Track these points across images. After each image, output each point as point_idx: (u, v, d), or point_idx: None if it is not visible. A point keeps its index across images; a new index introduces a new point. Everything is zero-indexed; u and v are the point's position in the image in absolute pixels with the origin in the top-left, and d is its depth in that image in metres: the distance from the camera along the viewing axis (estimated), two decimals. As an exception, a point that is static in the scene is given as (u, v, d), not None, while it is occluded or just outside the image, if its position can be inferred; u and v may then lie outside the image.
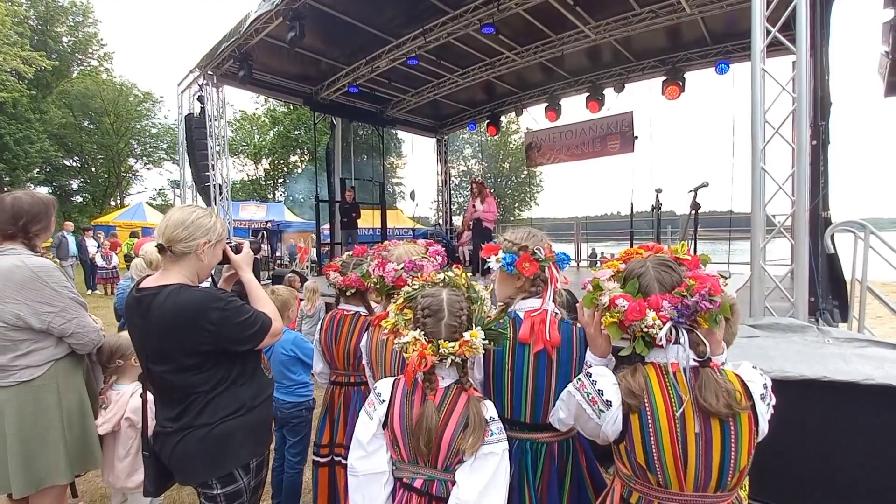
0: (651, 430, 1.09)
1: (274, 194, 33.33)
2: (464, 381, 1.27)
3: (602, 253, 19.24)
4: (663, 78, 8.72)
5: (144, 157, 34.10)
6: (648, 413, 1.10)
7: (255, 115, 33.07)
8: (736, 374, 1.14)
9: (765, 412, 1.12)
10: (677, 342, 1.10)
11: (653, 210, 3.52)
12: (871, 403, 1.71)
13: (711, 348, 1.11)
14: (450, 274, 1.35)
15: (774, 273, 2.99)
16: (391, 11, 7.11)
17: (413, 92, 10.38)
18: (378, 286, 1.75)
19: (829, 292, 4.11)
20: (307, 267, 12.67)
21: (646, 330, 1.10)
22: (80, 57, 31.50)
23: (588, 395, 1.17)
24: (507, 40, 8.04)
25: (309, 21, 6.55)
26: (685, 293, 1.08)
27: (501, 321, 1.46)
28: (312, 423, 2.64)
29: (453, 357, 1.20)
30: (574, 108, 10.24)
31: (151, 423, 1.66)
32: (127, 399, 2.13)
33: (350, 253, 2.29)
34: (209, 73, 8.10)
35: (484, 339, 1.23)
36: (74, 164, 32.39)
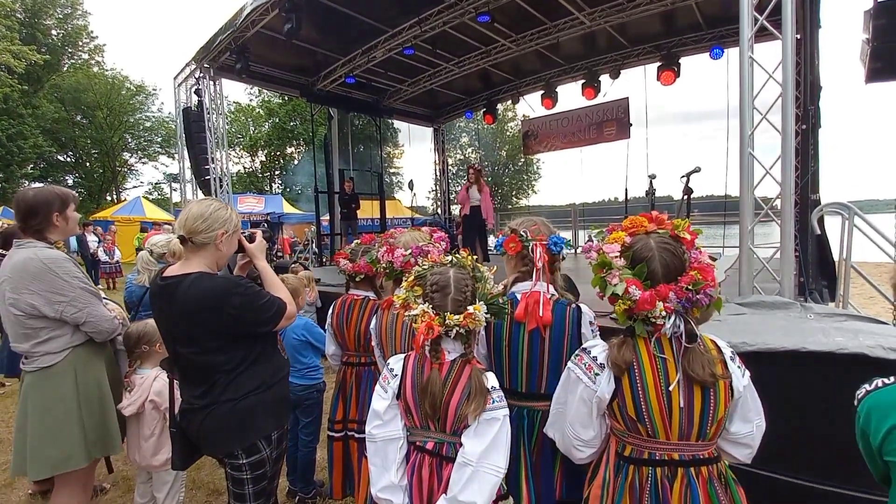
0: (639, 385, 1.25)
1: (271, 186, 33.30)
2: (468, 353, 1.39)
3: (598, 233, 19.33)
4: (658, 63, 8.75)
5: (139, 151, 33.93)
6: (637, 373, 1.25)
7: (249, 106, 32.88)
8: (711, 340, 1.30)
9: (737, 371, 1.27)
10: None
11: (647, 196, 3.62)
12: (845, 371, 1.85)
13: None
14: (457, 256, 1.47)
15: (765, 255, 3.12)
16: (387, 1, 7.12)
17: (409, 81, 10.40)
18: (388, 271, 1.87)
19: (819, 273, 4.25)
20: (300, 257, 12.78)
21: (651, 319, 1.22)
22: (70, 50, 31.14)
23: (585, 365, 1.32)
24: (502, 28, 8.06)
25: (305, 12, 6.56)
26: (691, 288, 1.20)
27: (502, 299, 1.60)
28: (324, 405, 2.78)
29: (458, 328, 1.32)
30: (570, 96, 10.28)
31: (177, 404, 1.78)
32: (150, 383, 2.25)
33: (358, 241, 2.42)
34: (205, 66, 8.11)
35: (486, 313, 1.36)
36: (69, 159, 32.22)
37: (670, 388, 1.21)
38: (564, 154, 11.28)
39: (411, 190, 11.92)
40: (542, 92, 10.32)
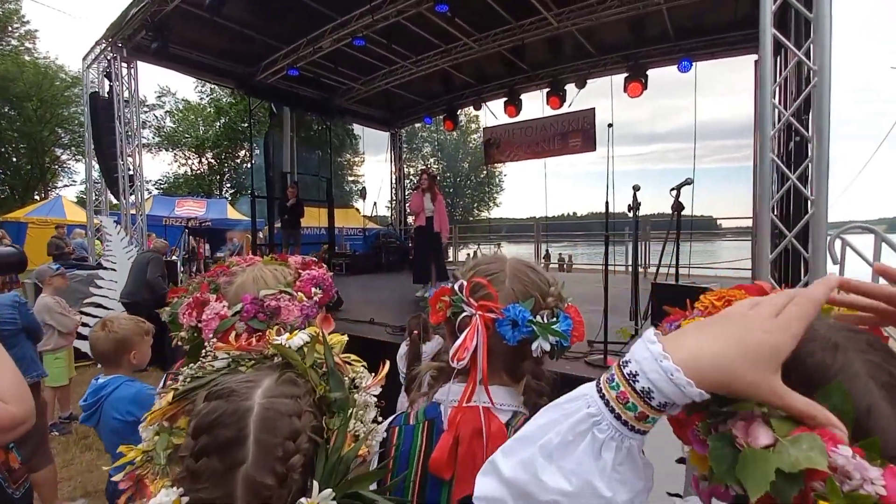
0: None
1: (220, 190, 31.26)
2: None
3: (564, 255, 18.91)
4: (625, 74, 8.36)
5: (73, 147, 31.04)
6: None
7: (199, 105, 30.87)
8: None
9: None
10: None
11: (629, 210, 2.95)
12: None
13: None
14: (302, 337, 0.62)
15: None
16: (333, -17, 6.28)
17: (363, 79, 9.54)
18: (187, 340, 1.00)
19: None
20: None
21: None
22: (-4, 34, 28.17)
23: None
24: (464, 24, 7.39)
25: (236, -12, 5.62)
26: None
27: (415, 418, 0.81)
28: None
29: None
30: (535, 104, 9.76)
31: None
32: None
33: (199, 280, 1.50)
34: (118, 45, 6.93)
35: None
36: (-9, 153, 29.02)
37: None
38: (528, 166, 10.78)
39: (363, 199, 11.01)
40: (505, 99, 9.75)
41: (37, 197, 28.81)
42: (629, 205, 3.00)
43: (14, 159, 29.89)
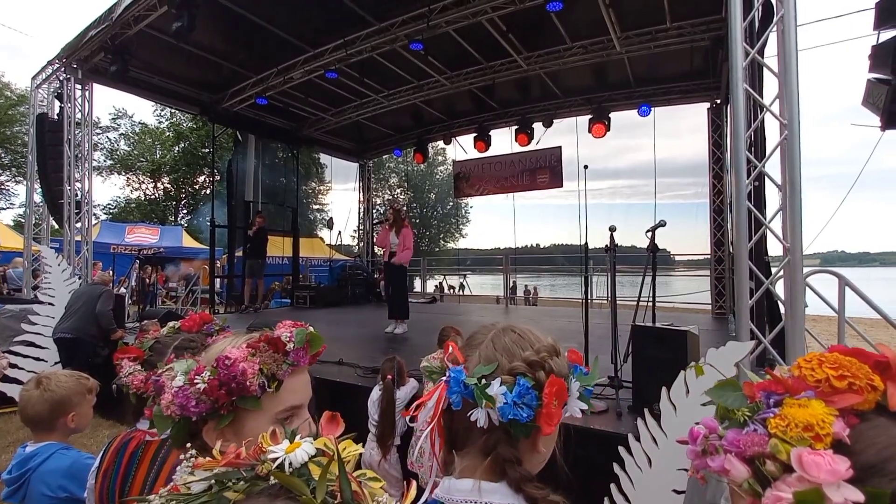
0: None
1: (176, 217, 29.91)
2: None
3: (529, 287, 19.03)
4: (590, 116, 8.75)
5: (14, 168, 29.06)
6: None
7: (157, 128, 29.84)
8: None
9: None
10: None
11: (607, 251, 2.96)
12: None
13: None
14: (307, 450, 0.47)
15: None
16: (307, 16, 6.27)
17: (333, 111, 9.50)
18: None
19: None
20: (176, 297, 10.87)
21: None
22: (-69, 46, 26.47)
23: None
24: (436, 62, 7.55)
25: (205, 15, 5.49)
26: None
27: None
28: None
29: None
30: (504, 140, 10.02)
31: None
32: None
33: (176, 325, 1.31)
34: (73, 66, 6.58)
35: None
36: (-84, 172, 26.66)
37: None
38: (492, 198, 10.93)
39: (330, 229, 10.77)
40: (475, 134, 9.95)
41: (-33, 220, 26.58)
42: (606, 245, 3.01)
43: (-55, 180, 27.65)
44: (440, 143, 11.26)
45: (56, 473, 1.45)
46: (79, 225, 6.63)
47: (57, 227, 7.12)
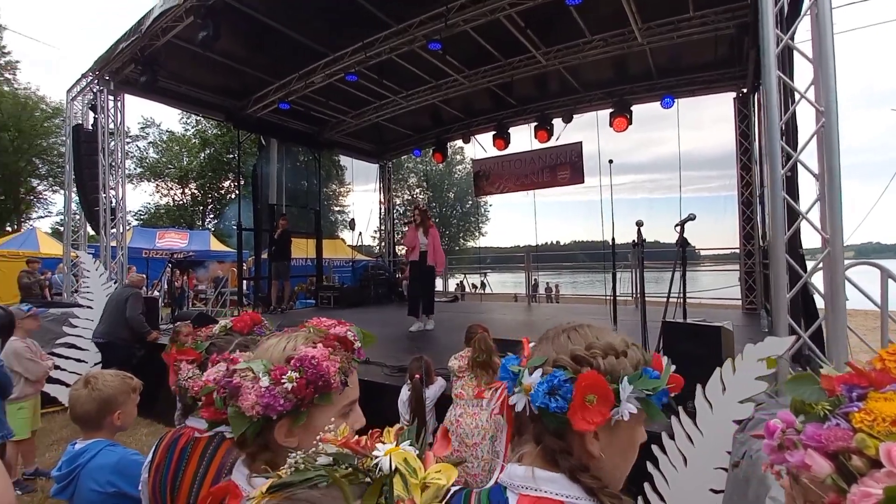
0: None
1: (203, 221, 30.77)
2: None
3: (551, 285, 18.85)
4: (611, 110, 8.60)
5: (51, 178, 30.39)
6: None
7: (184, 136, 30.74)
8: None
9: None
10: None
11: (634, 247, 2.91)
12: None
13: None
14: (393, 460, 0.48)
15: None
16: (326, 21, 6.36)
17: (353, 113, 9.61)
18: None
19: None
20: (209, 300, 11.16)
21: None
22: (-26, 65, 27.89)
23: None
24: (454, 62, 7.56)
25: (229, 25, 5.63)
26: None
27: None
28: None
29: None
30: (523, 137, 9.95)
31: None
32: None
33: (228, 324, 1.34)
34: (105, 78, 6.84)
35: None
36: (-38, 183, 28.15)
37: None
38: (511, 196, 10.87)
39: (352, 230, 10.91)
40: (494, 132, 9.91)
41: (9, 228, 27.92)
42: (633, 241, 2.96)
43: (-14, 190, 29.10)
44: (459, 142, 11.25)
45: (104, 469, 1.51)
46: (114, 231, 6.90)
47: (93, 233, 7.41)
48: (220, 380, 0.77)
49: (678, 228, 2.90)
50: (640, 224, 2.94)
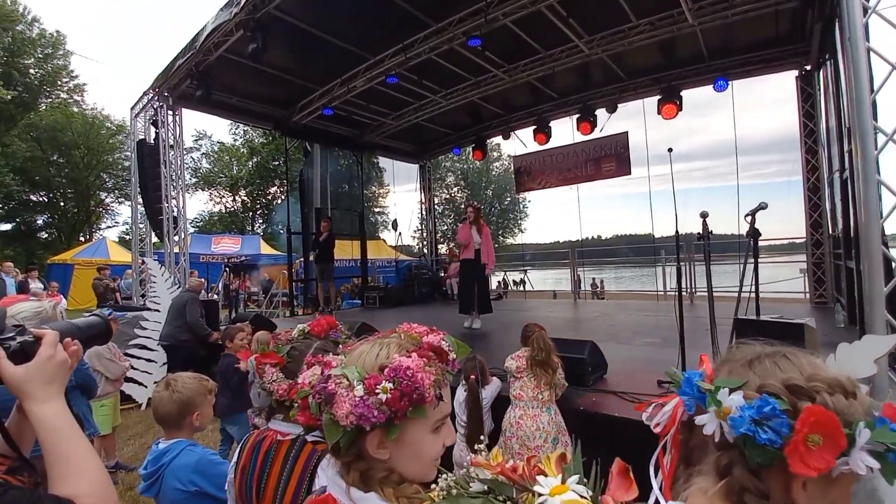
0: None
1: (253, 226, 32.24)
2: None
3: (597, 281, 18.36)
4: (659, 97, 8.22)
5: (116, 191, 32.84)
6: None
7: (233, 146, 32.34)
8: None
9: None
10: None
11: (699, 239, 2.75)
12: None
13: None
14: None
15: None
16: (367, 25, 6.45)
17: (393, 115, 9.72)
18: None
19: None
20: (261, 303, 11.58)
21: None
22: (48, 89, 30.53)
23: None
24: (493, 57, 7.46)
25: (275, 36, 5.84)
26: None
27: None
28: None
29: None
30: (565, 130, 9.71)
31: None
32: None
33: (305, 328, 1.36)
34: (164, 94, 7.27)
35: None
36: (42, 198, 30.94)
37: None
38: (551, 191, 10.60)
39: (395, 230, 11.06)
40: (534, 127, 9.73)
41: (82, 238, 30.42)
42: (699, 233, 2.79)
43: (62, 204, 31.81)
44: (498, 139, 11.13)
45: (186, 468, 1.58)
46: (176, 238, 7.33)
47: (157, 240, 7.91)
48: (316, 385, 0.76)
49: (748, 218, 2.71)
50: (704, 215, 2.77)
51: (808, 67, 7.05)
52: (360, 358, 0.79)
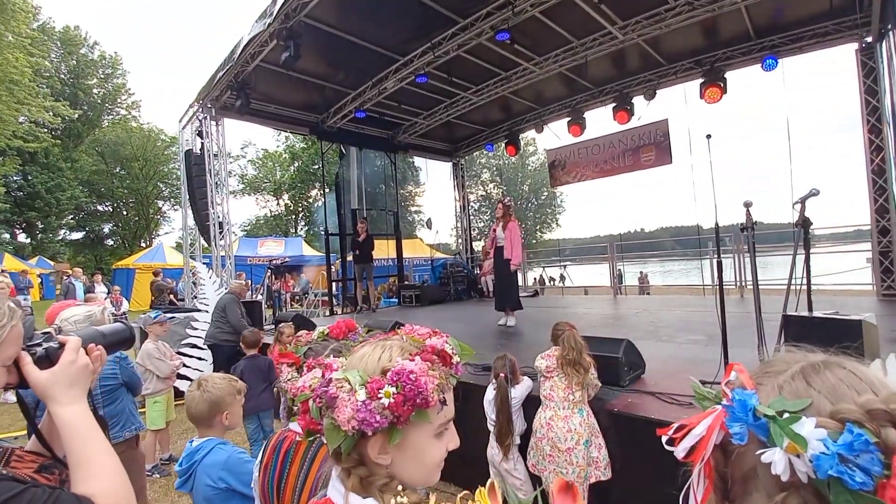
0: None
1: (295, 229, 33.45)
2: None
3: (643, 274, 17.73)
4: (701, 80, 7.79)
5: (172, 199, 35.03)
6: None
7: (276, 152, 33.67)
8: None
9: None
10: None
11: (743, 231, 2.58)
12: None
13: None
14: None
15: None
16: (395, 26, 6.51)
17: (425, 114, 9.76)
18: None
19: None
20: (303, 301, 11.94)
21: None
22: (109, 107, 32.98)
23: None
24: (523, 50, 7.34)
25: (308, 43, 6.00)
26: None
27: None
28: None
29: None
30: (600, 121, 9.40)
31: None
32: None
33: (325, 330, 1.39)
34: (208, 105, 7.65)
35: None
36: (107, 208, 33.54)
37: None
38: (589, 184, 10.24)
39: (430, 228, 11.12)
40: (568, 119, 9.49)
41: (142, 244, 32.69)
42: (742, 224, 2.62)
43: (124, 213, 34.31)
44: (531, 133, 10.94)
45: (216, 466, 1.65)
46: (222, 242, 7.71)
47: (206, 245, 8.35)
48: (317, 388, 0.76)
49: (798, 206, 2.51)
50: (748, 205, 2.59)
51: (869, 39, 6.48)
52: (362, 360, 0.78)
